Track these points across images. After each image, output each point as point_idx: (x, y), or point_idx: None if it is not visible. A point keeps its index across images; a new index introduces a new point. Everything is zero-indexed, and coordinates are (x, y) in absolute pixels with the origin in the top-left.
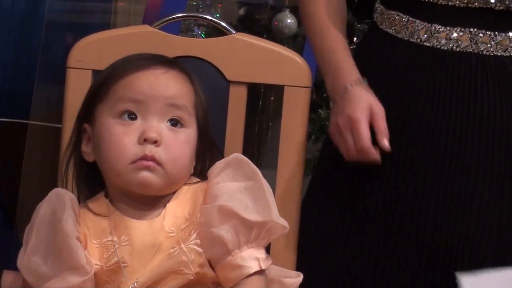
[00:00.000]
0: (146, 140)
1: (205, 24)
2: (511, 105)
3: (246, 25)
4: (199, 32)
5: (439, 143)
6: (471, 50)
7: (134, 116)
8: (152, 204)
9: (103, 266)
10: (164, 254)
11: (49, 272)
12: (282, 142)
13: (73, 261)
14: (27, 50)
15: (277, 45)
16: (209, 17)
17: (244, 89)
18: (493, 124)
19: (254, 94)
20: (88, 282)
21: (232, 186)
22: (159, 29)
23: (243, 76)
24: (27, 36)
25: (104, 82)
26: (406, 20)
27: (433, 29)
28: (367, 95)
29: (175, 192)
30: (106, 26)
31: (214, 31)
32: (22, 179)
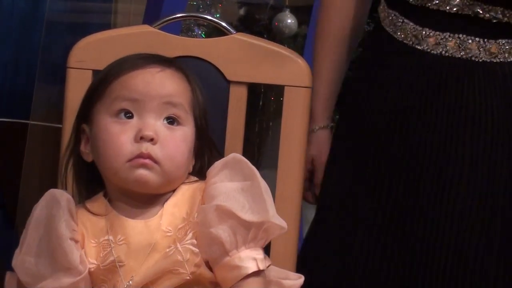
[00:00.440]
0: (143, 138)
1: (205, 24)
2: (499, 109)
3: (246, 25)
4: (199, 32)
5: (429, 146)
6: (459, 56)
7: (131, 115)
8: (150, 203)
9: (100, 265)
10: (160, 254)
11: (43, 272)
12: (282, 142)
13: (66, 262)
14: (27, 50)
15: (277, 45)
16: (209, 17)
17: (244, 89)
18: (479, 129)
19: (254, 94)
20: (81, 282)
21: (230, 186)
22: (159, 29)
23: (243, 76)
24: (27, 36)
25: (101, 82)
26: (402, 22)
27: (424, 33)
28: (319, 145)
29: (174, 191)
30: (106, 26)
31: (214, 31)
32: (22, 179)
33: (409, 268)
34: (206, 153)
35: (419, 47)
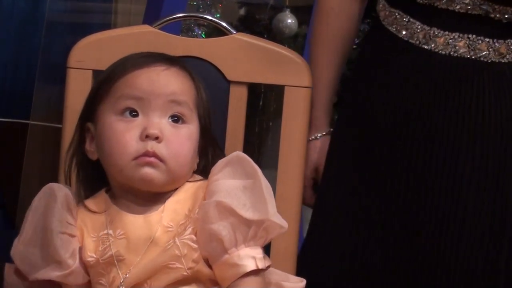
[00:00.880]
0: (148, 137)
1: (206, 24)
2: (507, 110)
3: (247, 25)
4: (200, 32)
5: (434, 145)
6: (469, 56)
7: (136, 113)
8: (153, 200)
9: (99, 259)
10: (160, 248)
11: (38, 263)
12: (282, 142)
13: (56, 255)
14: (27, 50)
15: (278, 45)
16: (210, 17)
17: (245, 89)
18: (488, 129)
19: (255, 94)
20: (69, 276)
21: (231, 184)
22: (159, 29)
23: (244, 76)
24: (27, 36)
25: (106, 81)
26: (407, 21)
27: (432, 33)
28: (322, 152)
29: (177, 189)
30: (107, 26)
31: (215, 31)
32: (22, 179)
33: (413, 269)
34: (210, 152)
35: (426, 47)
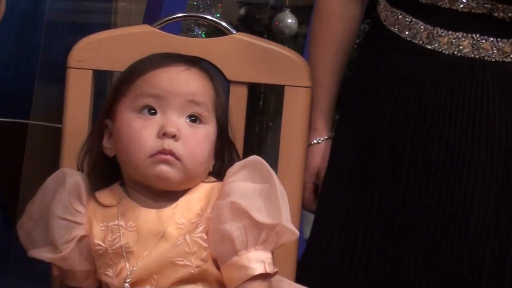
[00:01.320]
0: (165, 134)
1: (206, 24)
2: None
3: (247, 25)
4: (200, 32)
5: (437, 146)
6: (472, 56)
7: (154, 111)
8: (167, 197)
9: (108, 249)
10: (169, 244)
11: (38, 241)
12: (282, 142)
13: (52, 239)
14: (27, 50)
15: (278, 45)
16: (210, 17)
17: (245, 89)
18: (493, 129)
19: (255, 94)
20: (60, 261)
21: (247, 186)
22: (160, 29)
23: (244, 76)
24: (27, 36)
25: (126, 79)
26: (410, 21)
27: (435, 33)
28: (324, 156)
29: (191, 188)
30: (107, 26)
31: (215, 31)
32: (22, 179)
33: (414, 269)
34: (226, 154)
35: (430, 47)
